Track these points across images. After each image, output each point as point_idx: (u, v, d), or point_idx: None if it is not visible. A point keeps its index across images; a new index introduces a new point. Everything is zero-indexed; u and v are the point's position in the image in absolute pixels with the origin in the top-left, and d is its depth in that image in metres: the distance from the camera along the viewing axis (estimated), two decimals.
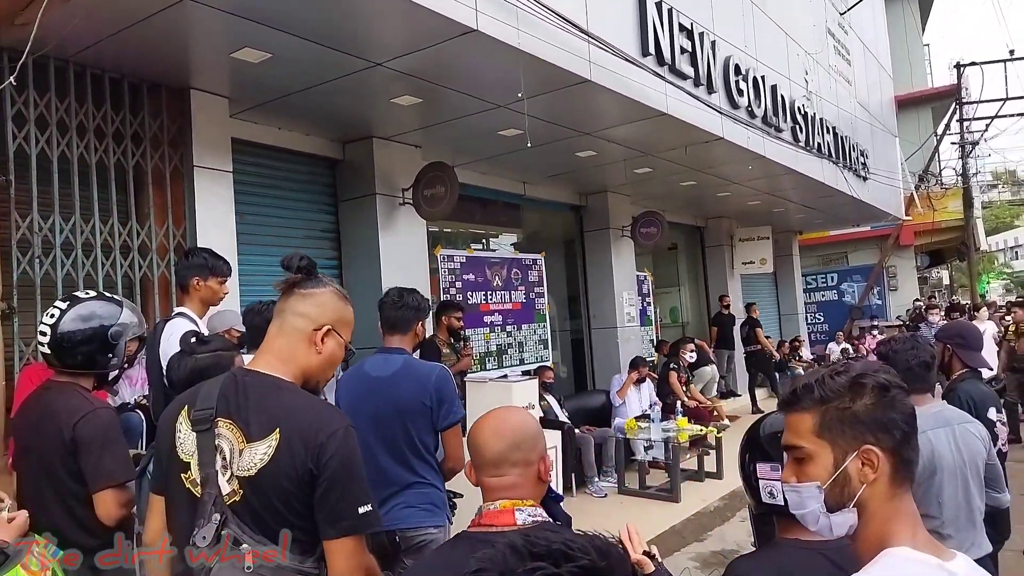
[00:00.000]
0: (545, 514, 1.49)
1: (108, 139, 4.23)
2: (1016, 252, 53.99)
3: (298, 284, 1.68)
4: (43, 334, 2.24)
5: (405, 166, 6.06)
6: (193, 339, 2.22)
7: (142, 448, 2.94)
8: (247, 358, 1.93)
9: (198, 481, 1.53)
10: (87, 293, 2.42)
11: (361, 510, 1.53)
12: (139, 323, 2.41)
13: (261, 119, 5.27)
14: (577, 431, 6.73)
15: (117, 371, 2.46)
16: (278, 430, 1.51)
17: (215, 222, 4.57)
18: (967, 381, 3.12)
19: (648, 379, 7.96)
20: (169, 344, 2.73)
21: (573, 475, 6.43)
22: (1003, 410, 3.10)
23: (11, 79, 3.31)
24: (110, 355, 2.29)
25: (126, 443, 2.30)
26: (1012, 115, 17.97)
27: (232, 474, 1.51)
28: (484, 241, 8.52)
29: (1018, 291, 37.01)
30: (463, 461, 2.90)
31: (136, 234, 4.35)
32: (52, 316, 2.24)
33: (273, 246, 5.40)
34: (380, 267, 5.81)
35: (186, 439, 1.57)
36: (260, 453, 1.50)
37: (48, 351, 2.24)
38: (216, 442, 1.53)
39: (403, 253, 6.06)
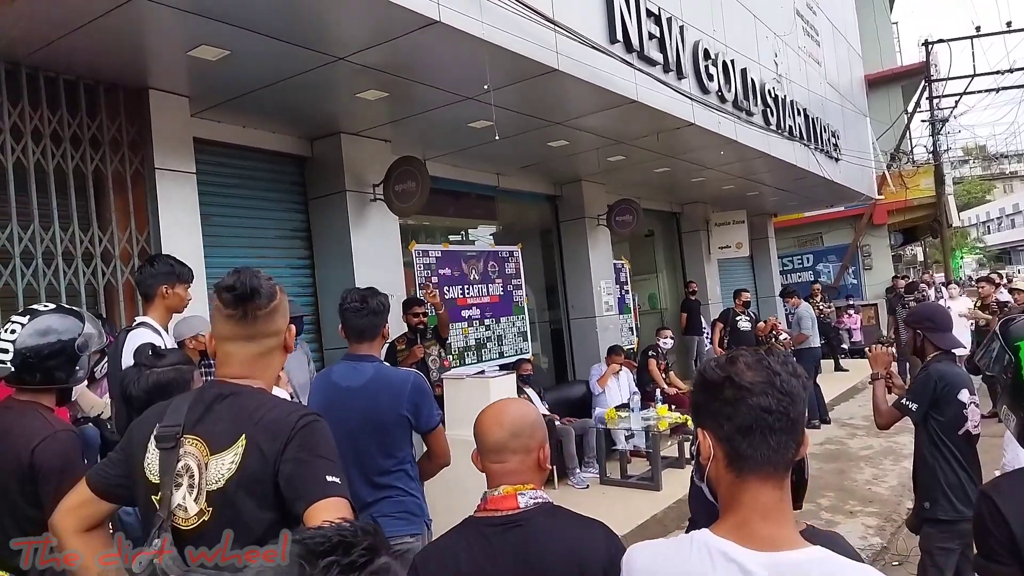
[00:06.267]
0: (547, 496, 1.56)
1: (65, 143, 4.11)
2: (988, 227, 54.82)
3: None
4: (3, 351, 2.13)
5: (375, 161, 5.98)
6: (150, 352, 2.13)
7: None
8: None
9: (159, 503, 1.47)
10: (46, 306, 2.31)
11: (329, 478, 1.42)
12: (99, 335, 2.32)
13: (224, 117, 5.15)
14: (558, 423, 6.72)
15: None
16: (244, 436, 1.44)
17: (180, 225, 4.47)
18: (941, 362, 3.09)
19: (626, 367, 7.96)
20: (131, 356, 2.66)
21: (555, 468, 6.41)
22: (976, 392, 3.08)
23: None
24: (76, 368, 2.18)
25: (85, 466, 2.22)
26: (980, 91, 18.18)
27: (199, 491, 1.43)
28: (461, 234, 8.46)
29: (991, 265, 37.53)
30: (449, 455, 2.84)
31: (98, 241, 4.25)
32: (12, 332, 2.12)
33: (242, 247, 5.32)
34: (353, 265, 5.74)
35: (153, 459, 1.50)
36: (227, 463, 1.43)
37: (10, 368, 2.12)
38: (184, 461, 1.46)
39: (376, 250, 5.98)
